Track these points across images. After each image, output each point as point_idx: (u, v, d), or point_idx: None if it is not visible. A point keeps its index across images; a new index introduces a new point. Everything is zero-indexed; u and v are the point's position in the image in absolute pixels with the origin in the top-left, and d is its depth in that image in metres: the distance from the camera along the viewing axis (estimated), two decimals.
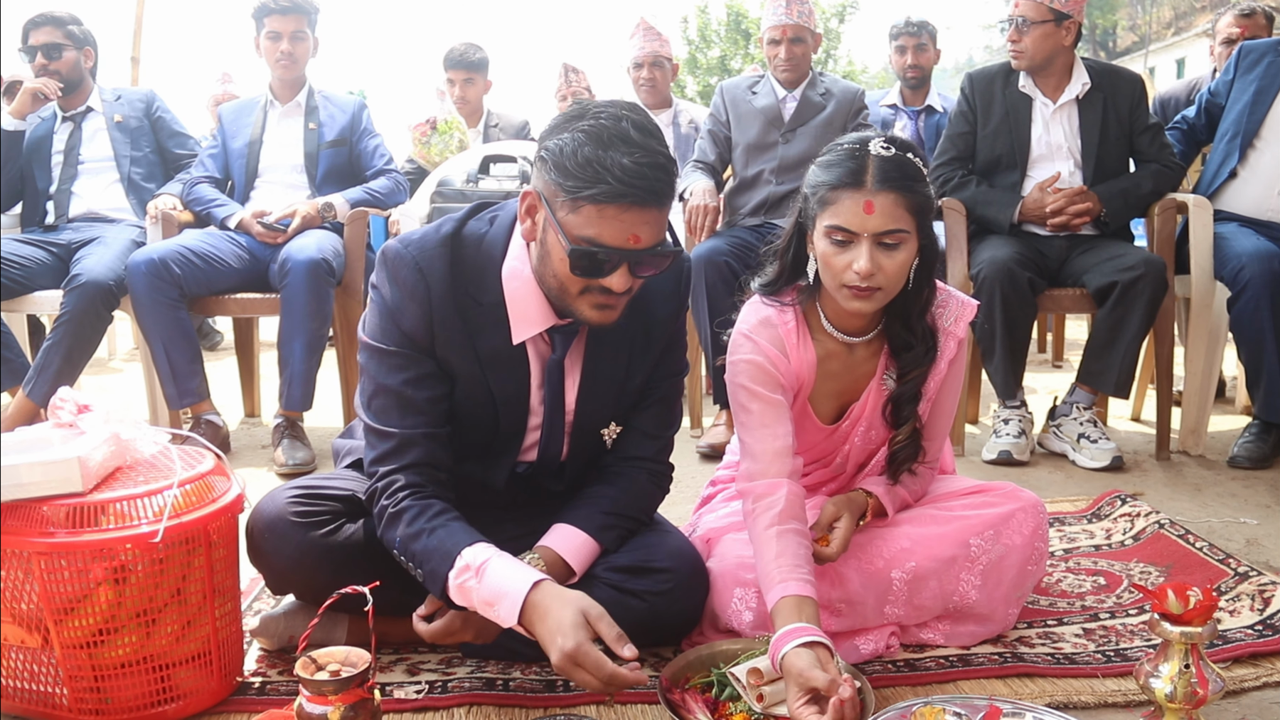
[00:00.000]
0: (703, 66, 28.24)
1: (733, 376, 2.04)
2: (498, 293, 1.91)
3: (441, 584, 1.79)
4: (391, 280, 1.90)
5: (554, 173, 1.74)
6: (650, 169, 1.70)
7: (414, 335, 1.89)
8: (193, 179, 4.09)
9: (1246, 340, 3.45)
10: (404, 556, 1.85)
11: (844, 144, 1.95)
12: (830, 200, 1.91)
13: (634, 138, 1.71)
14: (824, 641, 1.72)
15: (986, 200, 3.70)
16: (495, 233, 1.94)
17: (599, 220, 1.72)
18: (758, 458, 1.99)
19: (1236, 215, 3.70)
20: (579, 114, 1.75)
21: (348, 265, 3.82)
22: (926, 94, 5.11)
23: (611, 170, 1.68)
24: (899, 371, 2.08)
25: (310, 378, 3.72)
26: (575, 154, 1.70)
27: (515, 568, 1.77)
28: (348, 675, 1.63)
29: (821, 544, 2.00)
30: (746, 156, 4.08)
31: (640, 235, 1.74)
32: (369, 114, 4.24)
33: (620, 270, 1.77)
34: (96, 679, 1.77)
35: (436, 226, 1.94)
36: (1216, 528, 2.85)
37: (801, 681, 1.66)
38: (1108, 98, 3.67)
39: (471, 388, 1.94)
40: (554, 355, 1.97)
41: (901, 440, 2.09)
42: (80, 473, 1.73)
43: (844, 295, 1.95)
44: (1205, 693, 1.73)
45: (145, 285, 3.57)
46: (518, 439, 2.03)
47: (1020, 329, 3.52)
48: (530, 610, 1.72)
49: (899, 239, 1.90)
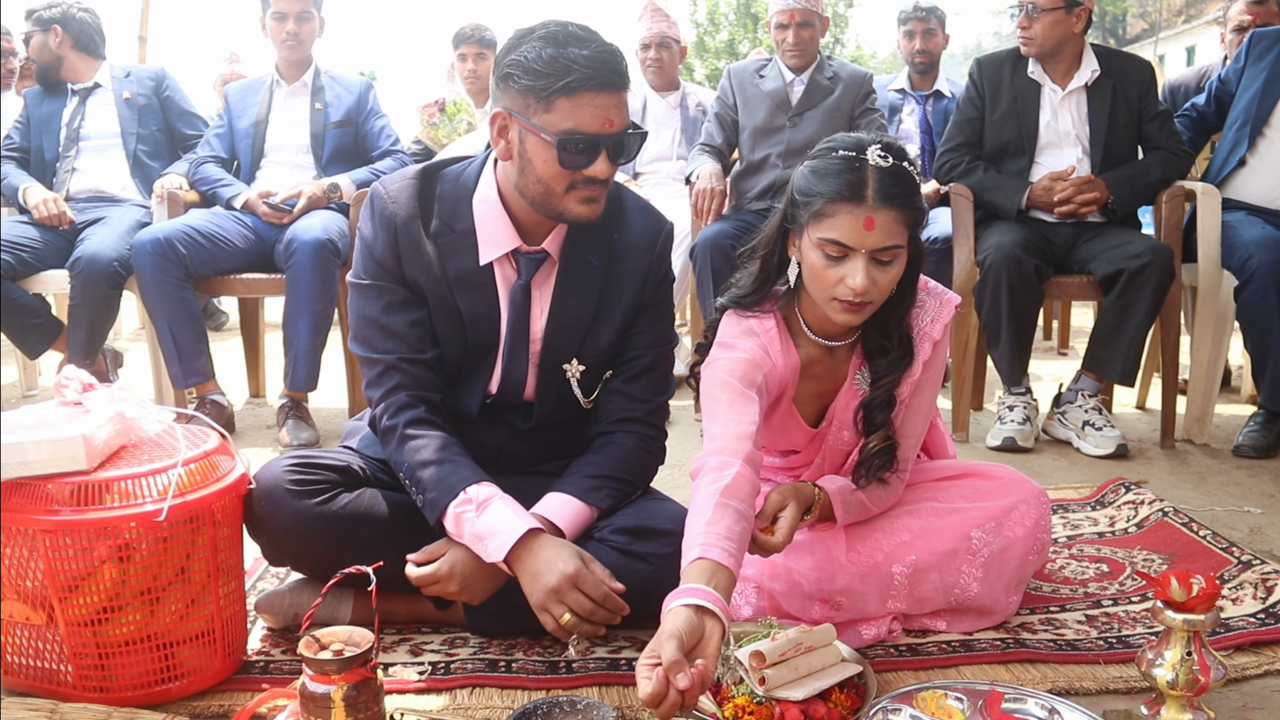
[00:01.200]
0: (711, 50, 28.17)
1: (711, 372, 1.97)
2: (469, 219, 2.05)
3: (439, 512, 1.91)
4: (367, 211, 2.06)
5: (523, 79, 1.87)
6: (608, 54, 1.86)
7: (384, 262, 2.04)
8: (198, 158, 4.09)
9: (1253, 329, 3.44)
10: (408, 480, 1.97)
11: (839, 151, 1.89)
12: (827, 213, 1.86)
13: (582, 34, 1.87)
14: (712, 608, 1.57)
15: (994, 186, 3.69)
16: (470, 171, 2.10)
17: (574, 110, 1.85)
18: (717, 438, 1.86)
19: (1245, 204, 3.69)
20: (527, 32, 1.90)
21: (353, 246, 3.81)
22: (934, 79, 5.08)
23: (576, 61, 1.83)
24: (873, 377, 2.05)
25: (315, 358, 3.73)
26: (539, 57, 1.85)
27: (516, 511, 1.90)
28: (351, 655, 1.63)
29: (766, 533, 1.93)
30: (753, 140, 4.07)
31: (613, 119, 1.89)
32: (375, 95, 4.23)
33: (601, 156, 1.90)
34: (101, 656, 1.77)
35: (415, 168, 2.11)
36: (1220, 516, 2.85)
37: (656, 645, 1.53)
38: (1117, 85, 3.65)
39: (441, 306, 2.06)
40: (519, 280, 2.06)
41: (874, 446, 2.03)
42: (85, 451, 1.74)
43: (834, 308, 1.91)
44: (1207, 680, 1.73)
45: (151, 265, 3.57)
46: (488, 362, 2.11)
47: (1026, 315, 3.51)
48: (521, 548, 1.85)
49: (894, 255, 1.87)
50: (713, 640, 1.56)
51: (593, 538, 2.03)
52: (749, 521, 1.78)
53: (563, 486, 2.04)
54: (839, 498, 2.03)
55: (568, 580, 1.83)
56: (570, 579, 1.83)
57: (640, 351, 2.15)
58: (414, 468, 1.94)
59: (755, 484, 1.82)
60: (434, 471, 1.92)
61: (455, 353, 2.10)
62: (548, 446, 2.20)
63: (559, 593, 1.83)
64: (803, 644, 1.77)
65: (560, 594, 1.83)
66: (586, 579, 1.84)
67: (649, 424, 2.15)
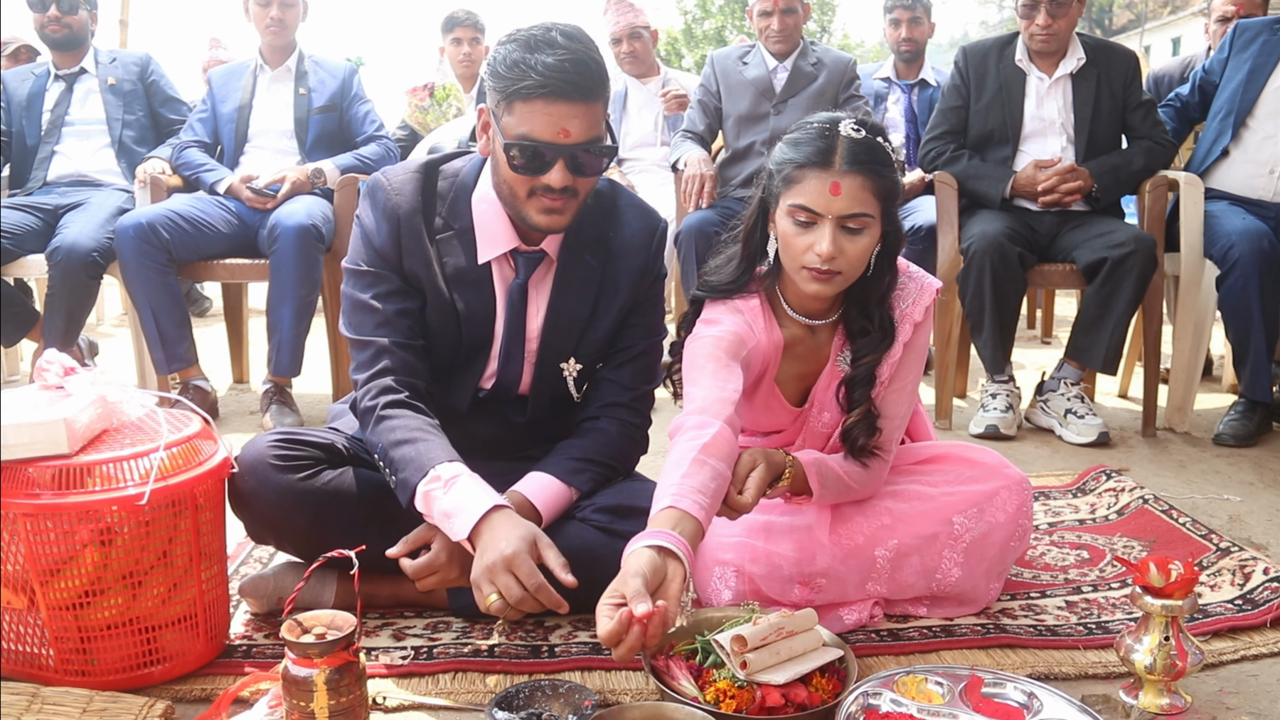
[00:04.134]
0: (699, 38, 28.11)
1: (696, 345, 1.98)
2: (468, 217, 2.05)
3: (410, 491, 1.88)
4: (368, 201, 2.06)
5: (491, 80, 1.89)
6: (572, 64, 1.83)
7: (384, 252, 2.03)
8: (182, 143, 4.07)
9: (1234, 319, 3.46)
10: (382, 461, 1.95)
11: (814, 123, 1.93)
12: (795, 179, 1.89)
13: (559, 41, 1.84)
14: (674, 550, 1.60)
15: (978, 175, 3.70)
16: (471, 166, 2.10)
17: (529, 116, 1.84)
18: (698, 400, 1.87)
19: (1227, 194, 3.70)
20: (514, 33, 1.89)
21: (337, 232, 3.80)
22: (920, 68, 5.08)
23: (535, 68, 1.82)
24: (853, 356, 2.05)
25: (299, 343, 3.72)
26: (505, 59, 1.85)
27: (482, 488, 1.86)
28: (333, 639, 1.63)
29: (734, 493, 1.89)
30: (738, 128, 4.07)
31: (569, 129, 1.85)
32: (360, 80, 4.21)
33: (557, 165, 1.88)
34: (83, 640, 1.77)
35: (417, 160, 2.11)
36: (1200, 504, 2.86)
37: (618, 584, 1.57)
38: (1102, 74, 3.66)
39: (438, 302, 2.06)
40: (516, 279, 2.07)
41: (854, 420, 2.03)
42: (66, 434, 1.73)
43: (803, 277, 1.93)
44: (1184, 665, 1.75)
45: (133, 249, 3.55)
46: (481, 358, 2.12)
47: (1009, 304, 3.52)
48: (483, 524, 1.80)
49: (863, 223, 1.88)
50: (674, 582, 1.59)
51: (574, 517, 2.04)
52: (724, 481, 1.78)
53: (545, 467, 2.05)
54: (814, 470, 1.99)
55: (503, 561, 1.74)
56: (506, 560, 1.74)
57: (632, 342, 2.16)
58: (387, 448, 1.93)
59: (735, 445, 1.83)
60: (406, 450, 1.90)
61: (449, 348, 2.10)
62: (536, 434, 2.20)
63: (490, 572, 1.74)
64: (784, 629, 1.78)
65: (492, 573, 1.74)
66: (522, 564, 1.74)
67: (634, 410, 2.16)
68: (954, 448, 2.24)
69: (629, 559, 1.60)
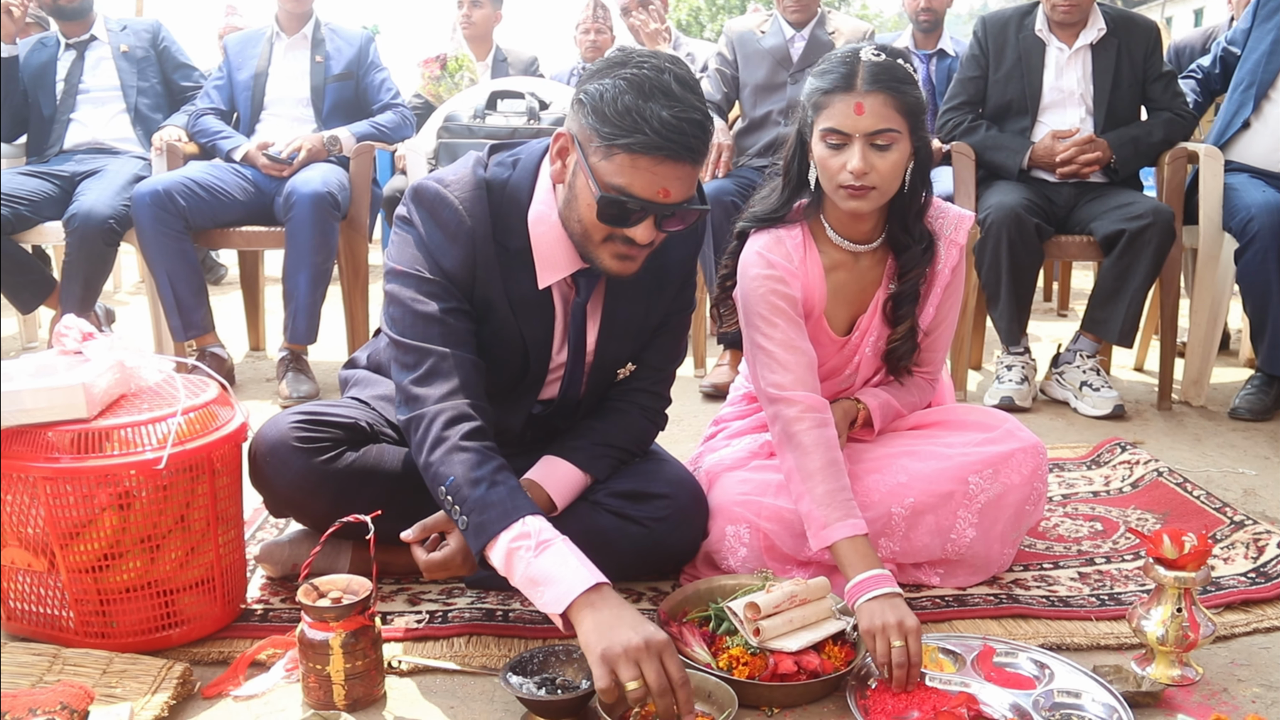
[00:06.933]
0: (721, 7, 27.90)
1: (752, 292, 2.08)
2: (524, 238, 1.90)
3: (487, 539, 1.71)
4: (431, 219, 1.88)
5: (591, 117, 1.72)
6: (688, 124, 1.68)
7: (454, 275, 1.87)
8: (198, 110, 4.07)
9: (1252, 292, 3.43)
10: (451, 495, 1.76)
11: (837, 53, 2.02)
12: (823, 105, 1.99)
13: (675, 91, 1.69)
14: (897, 591, 1.79)
15: (996, 145, 3.67)
16: (519, 178, 1.92)
17: (631, 170, 1.70)
18: (790, 368, 2.04)
19: (1247, 166, 3.67)
20: (622, 61, 1.73)
21: (353, 199, 3.81)
22: (939, 38, 5.05)
23: (650, 121, 1.66)
24: (899, 271, 2.15)
25: (315, 311, 3.73)
26: (615, 101, 1.68)
27: (580, 559, 1.68)
28: (349, 603, 1.65)
29: None
30: (755, 97, 4.05)
31: (671, 189, 1.73)
32: (376, 48, 4.20)
33: (646, 222, 1.75)
34: (102, 603, 1.79)
35: (470, 169, 1.92)
36: (1215, 477, 2.86)
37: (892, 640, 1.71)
38: (1122, 44, 3.62)
39: (503, 330, 1.94)
40: (578, 299, 1.97)
41: (898, 337, 2.17)
42: (85, 399, 1.74)
43: (840, 196, 2.01)
44: (1196, 637, 1.75)
45: (150, 217, 3.56)
46: (540, 381, 2.04)
47: (1026, 275, 3.50)
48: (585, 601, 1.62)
49: (891, 139, 1.96)
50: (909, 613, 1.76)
51: (588, 500, 2.02)
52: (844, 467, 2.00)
53: (563, 453, 2.01)
54: (878, 410, 2.21)
55: (653, 647, 1.55)
56: (656, 646, 1.55)
57: (666, 318, 2.11)
58: (461, 484, 1.73)
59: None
60: (485, 493, 1.72)
61: (509, 374, 2.00)
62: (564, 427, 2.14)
63: (636, 654, 1.54)
64: (798, 596, 1.79)
65: (638, 656, 1.54)
66: (673, 657, 1.56)
67: (656, 395, 2.14)
68: (971, 410, 2.30)
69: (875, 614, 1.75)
